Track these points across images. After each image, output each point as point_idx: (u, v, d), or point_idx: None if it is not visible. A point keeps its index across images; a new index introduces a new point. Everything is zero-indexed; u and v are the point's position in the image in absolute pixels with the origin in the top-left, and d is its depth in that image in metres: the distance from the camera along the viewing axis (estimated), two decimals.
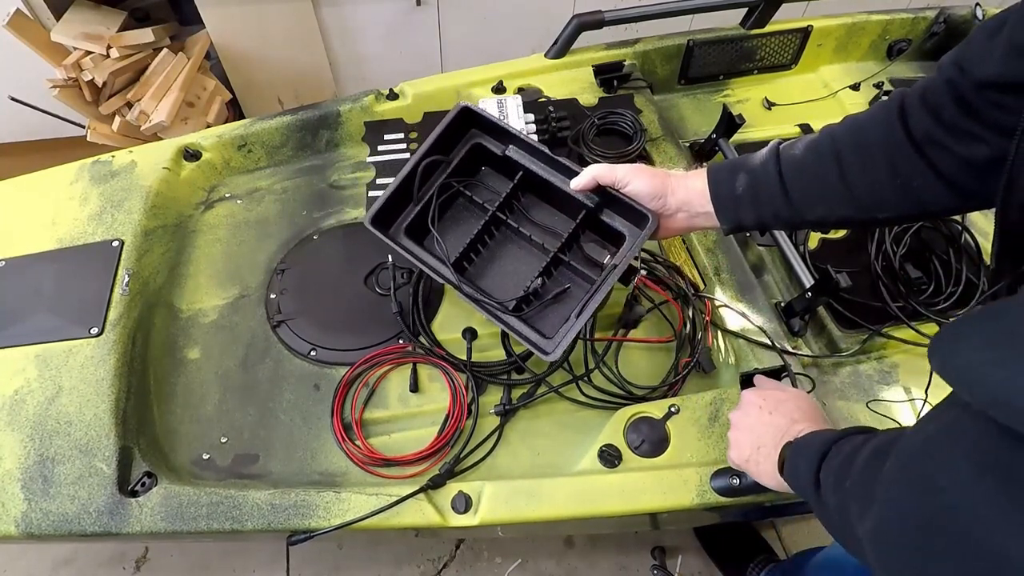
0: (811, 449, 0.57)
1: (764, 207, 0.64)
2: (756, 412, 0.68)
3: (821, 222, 0.65)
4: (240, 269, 1.02)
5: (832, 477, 0.52)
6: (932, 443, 0.40)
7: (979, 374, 0.35)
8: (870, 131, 0.59)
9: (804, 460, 0.57)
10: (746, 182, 0.65)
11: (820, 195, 0.62)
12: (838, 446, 0.54)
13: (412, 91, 1.18)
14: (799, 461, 0.59)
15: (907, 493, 0.40)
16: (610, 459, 0.76)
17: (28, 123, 2.01)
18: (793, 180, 0.62)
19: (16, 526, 0.76)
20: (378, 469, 0.81)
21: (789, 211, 0.63)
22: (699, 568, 1.42)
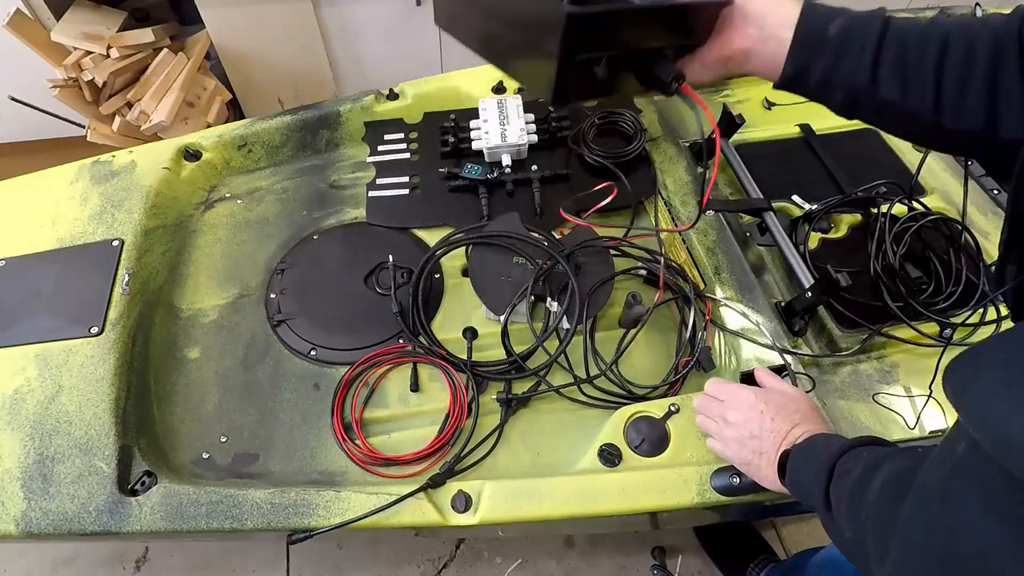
0: (816, 462, 0.57)
1: (844, 62, 0.58)
2: (758, 417, 0.67)
3: (887, 104, 0.59)
4: (240, 269, 1.02)
5: (845, 505, 0.51)
6: (947, 486, 0.39)
7: (990, 413, 0.34)
8: (985, 31, 0.55)
9: (810, 475, 0.57)
10: (841, 27, 0.59)
11: (908, 75, 0.57)
12: (845, 462, 0.54)
13: (412, 91, 1.18)
14: (803, 475, 0.59)
15: (926, 538, 0.39)
16: (610, 458, 0.76)
17: (28, 123, 2.01)
18: (891, 46, 0.57)
19: (16, 525, 0.76)
20: (378, 468, 0.81)
21: (865, 79, 0.58)
22: (699, 568, 1.42)
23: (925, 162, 0.99)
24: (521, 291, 0.87)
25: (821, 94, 0.62)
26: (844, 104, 0.62)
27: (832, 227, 1.03)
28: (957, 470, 0.38)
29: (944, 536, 0.37)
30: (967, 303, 0.90)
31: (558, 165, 1.07)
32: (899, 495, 0.43)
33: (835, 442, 0.59)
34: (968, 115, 0.55)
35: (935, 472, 0.41)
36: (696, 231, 0.95)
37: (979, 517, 0.35)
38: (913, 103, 0.57)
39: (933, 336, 0.87)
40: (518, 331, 0.90)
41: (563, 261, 0.88)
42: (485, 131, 1.05)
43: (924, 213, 0.97)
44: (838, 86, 0.60)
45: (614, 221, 1.05)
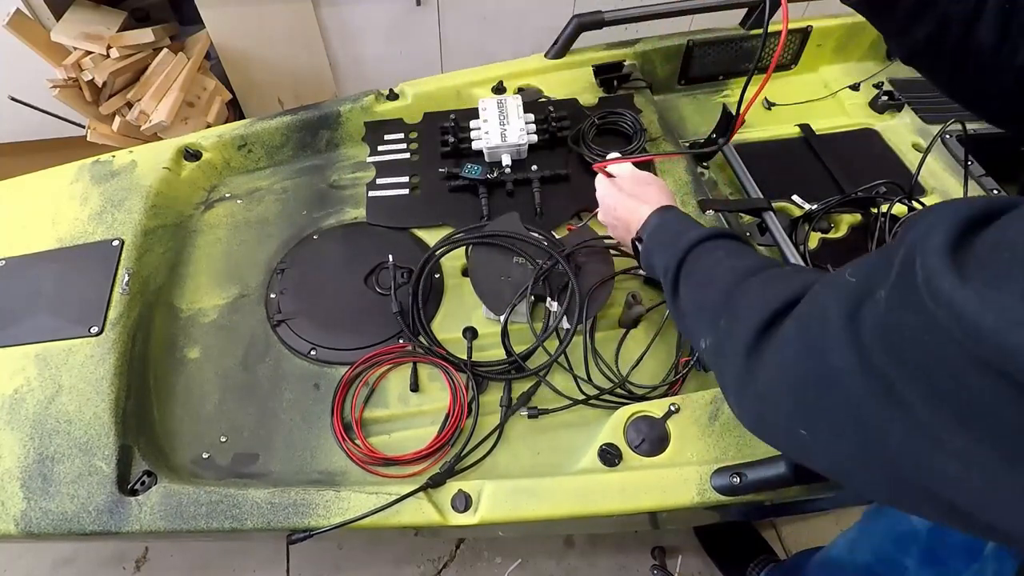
0: (665, 249, 0.62)
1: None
2: (613, 202, 0.78)
3: (973, 47, 0.54)
4: (240, 269, 1.02)
5: (695, 302, 0.57)
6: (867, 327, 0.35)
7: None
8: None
9: (659, 258, 0.63)
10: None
11: (1012, 15, 0.53)
12: (696, 259, 0.59)
13: (412, 91, 1.18)
14: (654, 258, 0.65)
15: (802, 362, 0.40)
16: (610, 458, 0.76)
17: (28, 123, 2.01)
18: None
19: (16, 525, 0.76)
20: (378, 468, 0.81)
21: (967, 10, 0.54)
22: (699, 568, 1.42)
23: (925, 162, 0.99)
24: (521, 291, 0.87)
25: (906, 22, 0.57)
26: (925, 41, 0.57)
27: (832, 227, 1.03)
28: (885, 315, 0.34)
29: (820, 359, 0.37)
30: None
31: (558, 165, 1.07)
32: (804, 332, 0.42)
33: (685, 231, 0.63)
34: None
35: (839, 306, 0.38)
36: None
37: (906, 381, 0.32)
38: (1007, 54, 0.53)
39: None
40: (519, 331, 0.90)
41: (563, 261, 0.88)
42: (485, 131, 1.05)
43: None
44: (931, 17, 0.56)
45: None
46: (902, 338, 0.31)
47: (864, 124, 1.20)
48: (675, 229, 0.66)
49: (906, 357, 0.31)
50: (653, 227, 0.70)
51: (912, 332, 0.30)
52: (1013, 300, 0.26)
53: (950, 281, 0.28)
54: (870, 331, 0.34)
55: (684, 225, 0.66)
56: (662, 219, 0.70)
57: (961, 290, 0.27)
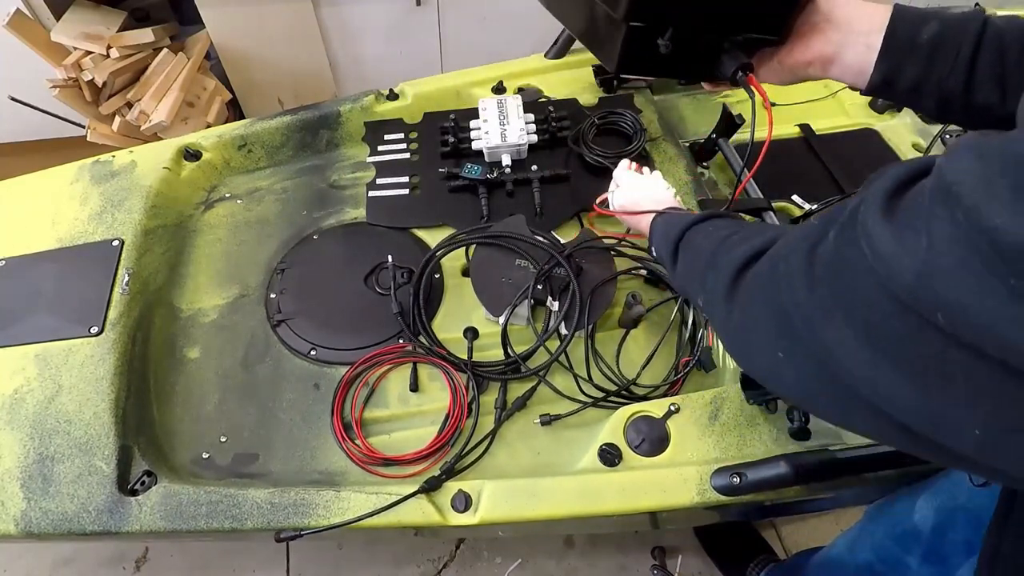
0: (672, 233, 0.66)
1: (937, 67, 0.56)
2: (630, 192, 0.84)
3: (983, 109, 0.56)
4: (240, 269, 1.02)
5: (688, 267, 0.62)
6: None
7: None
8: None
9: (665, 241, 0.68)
10: (934, 31, 0.56)
11: (1007, 79, 0.54)
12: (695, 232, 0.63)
13: (412, 91, 1.18)
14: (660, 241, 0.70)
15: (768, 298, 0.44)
16: (610, 458, 0.76)
17: (28, 123, 2.01)
18: (989, 48, 0.55)
19: (16, 525, 0.76)
20: (378, 468, 0.81)
21: (959, 84, 0.56)
22: (699, 568, 1.42)
23: None
24: (521, 293, 0.87)
25: (911, 99, 0.60)
26: (937, 109, 0.59)
27: None
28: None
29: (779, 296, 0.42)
30: None
31: (558, 165, 1.07)
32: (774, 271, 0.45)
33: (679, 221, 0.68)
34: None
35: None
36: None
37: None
38: (1012, 106, 0.54)
39: None
40: (521, 331, 0.90)
41: (564, 262, 0.88)
42: (485, 131, 1.05)
43: None
44: (929, 92, 0.58)
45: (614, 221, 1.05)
46: (841, 270, 0.36)
47: (864, 124, 1.20)
48: (671, 221, 0.71)
49: (840, 286, 0.35)
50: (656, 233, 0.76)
51: (848, 265, 0.35)
52: (917, 240, 0.30)
53: (878, 222, 0.32)
54: (821, 265, 0.38)
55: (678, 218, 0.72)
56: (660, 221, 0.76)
57: (881, 228, 0.32)
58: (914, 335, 0.31)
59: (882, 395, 0.34)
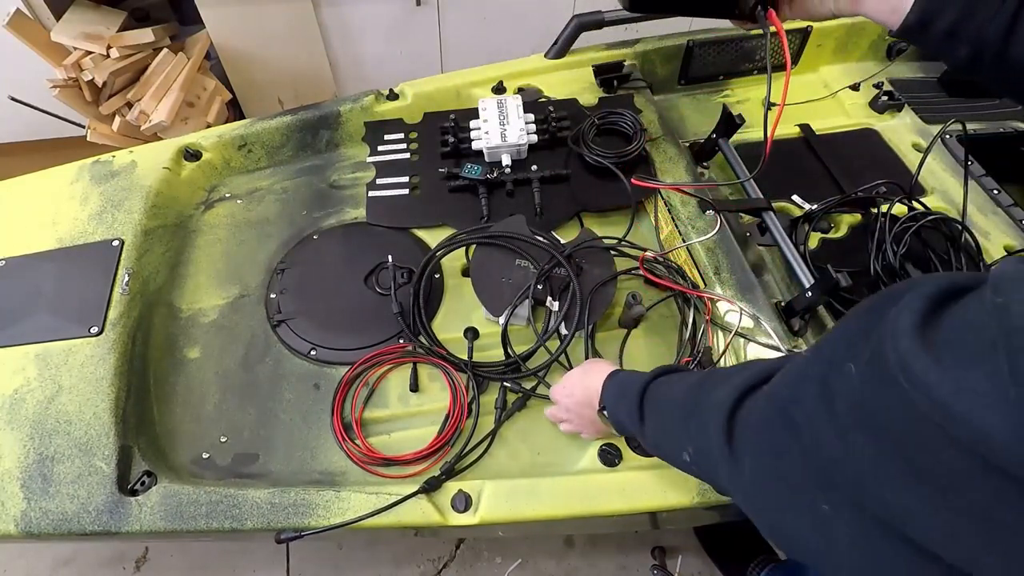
0: (628, 395, 0.62)
1: (980, 12, 0.53)
2: (566, 406, 0.76)
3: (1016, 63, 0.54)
4: (240, 269, 1.02)
5: (672, 419, 0.56)
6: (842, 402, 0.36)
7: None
8: None
9: (622, 410, 0.64)
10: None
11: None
12: (656, 388, 0.60)
13: (412, 91, 1.18)
14: (619, 414, 0.65)
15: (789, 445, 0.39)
16: (610, 458, 0.76)
17: (28, 123, 2.01)
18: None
19: (16, 525, 0.76)
20: (378, 468, 0.81)
21: (998, 34, 0.53)
22: (699, 568, 1.42)
23: (925, 162, 0.99)
24: (520, 293, 0.87)
25: (945, 45, 0.57)
26: (967, 59, 0.56)
27: (832, 227, 1.03)
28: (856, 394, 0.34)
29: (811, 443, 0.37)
30: None
31: (558, 165, 1.07)
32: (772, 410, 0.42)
33: (636, 378, 0.64)
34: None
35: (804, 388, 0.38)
36: (696, 231, 0.95)
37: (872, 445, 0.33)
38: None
39: None
40: (522, 331, 0.90)
41: (564, 262, 0.88)
42: (485, 131, 1.05)
43: (924, 213, 0.97)
44: (966, 39, 0.55)
45: (614, 222, 1.05)
46: (878, 414, 0.32)
47: (864, 124, 1.20)
48: (626, 380, 0.66)
49: (882, 432, 0.32)
50: (608, 392, 0.69)
51: (889, 410, 0.31)
52: (982, 382, 0.26)
53: (923, 362, 0.29)
54: (844, 402, 0.34)
55: (633, 375, 0.67)
56: (612, 381, 0.70)
57: (934, 372, 0.28)
58: (1001, 494, 0.27)
59: (965, 558, 0.30)
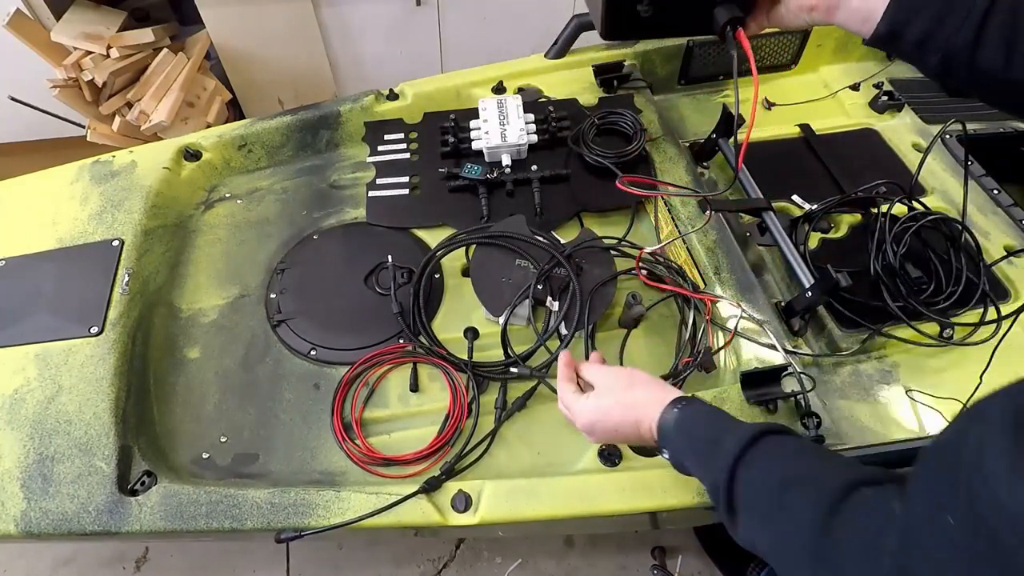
0: (702, 462, 0.56)
1: (948, 22, 0.54)
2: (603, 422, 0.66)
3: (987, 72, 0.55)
4: (240, 269, 1.02)
5: (771, 544, 0.49)
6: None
7: None
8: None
9: (697, 469, 0.58)
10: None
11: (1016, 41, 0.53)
12: (751, 465, 0.52)
13: (412, 91, 1.18)
14: (691, 470, 0.59)
15: None
16: (610, 458, 0.76)
17: (28, 123, 2.01)
18: (1001, 10, 0.53)
19: (16, 525, 0.76)
20: (378, 468, 0.81)
21: (966, 42, 0.54)
22: (699, 568, 1.42)
23: (925, 162, 0.99)
24: (520, 293, 0.87)
25: (915, 54, 0.58)
26: (938, 67, 0.57)
27: (832, 227, 1.03)
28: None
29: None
30: (967, 303, 0.90)
31: (558, 165, 1.07)
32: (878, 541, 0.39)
33: (717, 436, 0.56)
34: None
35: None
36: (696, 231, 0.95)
37: None
38: (1016, 72, 0.53)
39: (933, 336, 0.87)
40: (522, 331, 0.90)
41: (564, 262, 0.88)
42: (485, 131, 1.05)
43: (924, 213, 0.97)
44: (935, 48, 0.56)
45: (614, 222, 1.05)
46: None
47: (864, 124, 1.20)
48: (702, 434, 0.59)
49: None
50: (671, 436, 0.61)
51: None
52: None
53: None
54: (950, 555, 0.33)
55: (712, 427, 0.59)
56: (676, 421, 0.61)
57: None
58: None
59: None
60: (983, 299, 0.91)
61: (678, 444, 0.60)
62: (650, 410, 0.63)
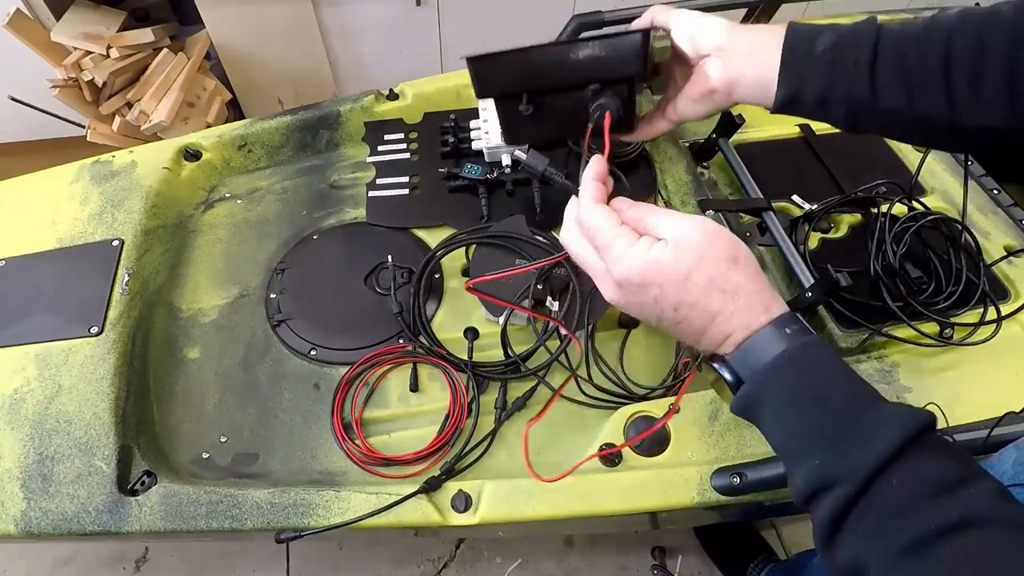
0: (814, 447, 0.38)
1: (839, 76, 0.55)
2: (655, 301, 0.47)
3: (893, 113, 0.55)
4: (240, 269, 1.02)
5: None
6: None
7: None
8: (995, 18, 0.51)
9: (798, 458, 0.40)
10: (830, 42, 0.56)
11: (911, 77, 0.53)
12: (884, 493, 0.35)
13: (412, 91, 1.18)
14: (781, 440, 0.42)
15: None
16: (610, 458, 0.76)
17: (28, 123, 2.01)
18: (886, 52, 0.54)
19: (15, 525, 0.76)
20: (378, 468, 0.81)
21: (865, 89, 0.55)
22: (699, 568, 1.42)
23: (925, 162, 0.99)
24: (521, 293, 0.87)
25: (821, 112, 0.59)
26: (847, 119, 0.59)
27: (832, 227, 1.03)
28: None
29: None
30: (967, 303, 0.90)
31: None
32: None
33: (866, 404, 0.39)
34: (988, 110, 0.51)
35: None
36: None
37: None
38: (921, 106, 0.54)
39: (933, 336, 0.87)
40: (521, 331, 0.90)
41: (564, 262, 0.88)
42: (485, 131, 1.05)
43: (924, 213, 0.97)
44: (837, 101, 0.57)
45: None
46: None
47: None
48: (827, 395, 0.41)
49: None
50: (765, 371, 0.43)
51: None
52: None
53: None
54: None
55: (848, 391, 0.42)
56: (791, 359, 0.43)
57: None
58: None
59: None
60: (983, 299, 0.91)
61: (772, 388, 0.43)
62: (745, 314, 0.44)
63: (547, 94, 0.66)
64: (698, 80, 0.64)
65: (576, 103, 0.66)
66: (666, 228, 0.48)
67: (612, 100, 0.64)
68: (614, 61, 0.61)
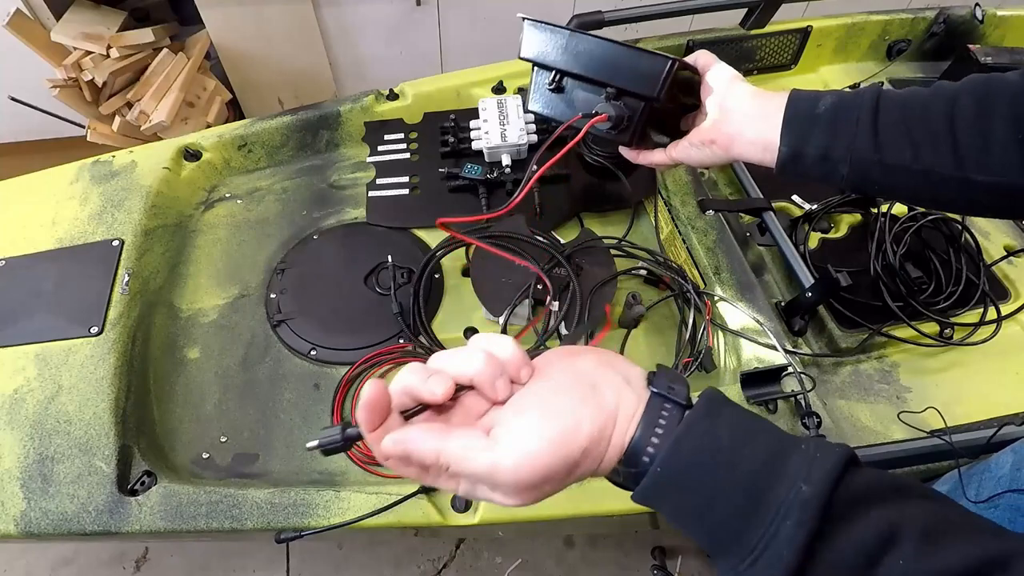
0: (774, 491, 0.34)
1: (841, 134, 0.56)
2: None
3: (899, 168, 0.55)
4: (240, 269, 1.02)
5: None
6: None
7: None
8: (1000, 81, 0.51)
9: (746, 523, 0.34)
10: (831, 102, 0.57)
11: (914, 133, 0.53)
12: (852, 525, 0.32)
13: (412, 91, 1.18)
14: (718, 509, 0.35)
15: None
16: None
17: (28, 123, 2.01)
18: (889, 109, 0.55)
19: (15, 525, 0.75)
20: (378, 468, 0.80)
21: (867, 146, 0.55)
22: (699, 568, 1.42)
23: None
24: (521, 293, 0.87)
25: (823, 171, 0.58)
26: (852, 177, 0.57)
27: (832, 227, 1.03)
28: None
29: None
30: (967, 303, 0.90)
31: (558, 165, 1.06)
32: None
33: (794, 461, 0.35)
34: (999, 165, 0.50)
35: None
36: (696, 231, 0.95)
37: None
38: (927, 160, 0.53)
39: (933, 336, 0.87)
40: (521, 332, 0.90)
41: (564, 262, 0.88)
42: (485, 131, 1.05)
43: (924, 213, 0.97)
44: (840, 157, 0.57)
45: (614, 221, 1.05)
46: None
47: None
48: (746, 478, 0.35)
49: None
50: (673, 451, 0.37)
51: None
52: None
53: None
54: None
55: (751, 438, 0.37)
56: (673, 485, 0.37)
57: None
58: None
59: None
60: (983, 299, 0.91)
61: (658, 506, 0.37)
62: (623, 395, 0.39)
63: (574, 78, 0.69)
64: (700, 127, 0.65)
65: (592, 99, 0.68)
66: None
67: (618, 108, 0.65)
68: (635, 74, 0.63)
